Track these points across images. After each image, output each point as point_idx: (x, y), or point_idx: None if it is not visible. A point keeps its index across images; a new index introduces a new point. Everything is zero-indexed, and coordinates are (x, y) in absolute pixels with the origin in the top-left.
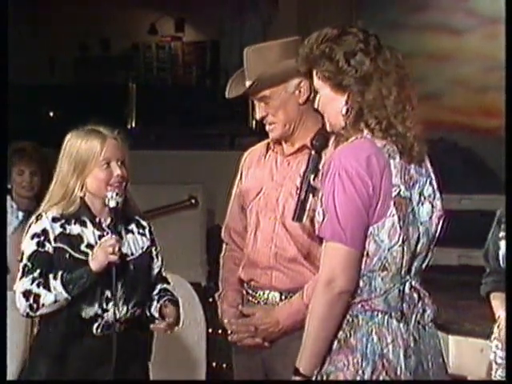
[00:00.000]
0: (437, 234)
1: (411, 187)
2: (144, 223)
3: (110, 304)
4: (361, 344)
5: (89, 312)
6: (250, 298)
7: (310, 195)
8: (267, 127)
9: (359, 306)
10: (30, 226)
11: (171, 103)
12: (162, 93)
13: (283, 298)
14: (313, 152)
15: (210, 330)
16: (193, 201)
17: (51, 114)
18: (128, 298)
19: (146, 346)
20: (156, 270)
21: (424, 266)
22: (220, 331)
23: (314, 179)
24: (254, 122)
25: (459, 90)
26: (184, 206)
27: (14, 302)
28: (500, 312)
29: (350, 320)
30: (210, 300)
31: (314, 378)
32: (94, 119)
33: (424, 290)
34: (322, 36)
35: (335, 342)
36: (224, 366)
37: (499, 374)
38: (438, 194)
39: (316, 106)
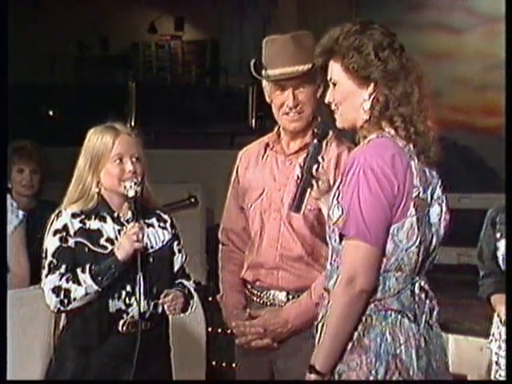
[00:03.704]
0: (443, 235)
1: (426, 189)
2: (165, 217)
3: (133, 299)
4: (374, 344)
5: (114, 306)
6: (255, 299)
7: (309, 186)
8: (291, 116)
9: (372, 305)
10: (51, 224)
11: (171, 102)
12: (161, 92)
13: (290, 297)
14: (314, 140)
15: (210, 329)
16: (192, 200)
17: (51, 113)
18: (148, 291)
19: (169, 343)
20: (178, 265)
21: (431, 266)
22: (220, 330)
23: (316, 170)
24: (253, 121)
25: (459, 88)
26: (184, 205)
27: (15, 302)
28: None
29: (364, 319)
30: (210, 299)
31: (326, 378)
32: (106, 117)
33: (431, 291)
34: (346, 29)
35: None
36: (224, 364)
37: (500, 374)
38: (444, 196)
39: (328, 100)
